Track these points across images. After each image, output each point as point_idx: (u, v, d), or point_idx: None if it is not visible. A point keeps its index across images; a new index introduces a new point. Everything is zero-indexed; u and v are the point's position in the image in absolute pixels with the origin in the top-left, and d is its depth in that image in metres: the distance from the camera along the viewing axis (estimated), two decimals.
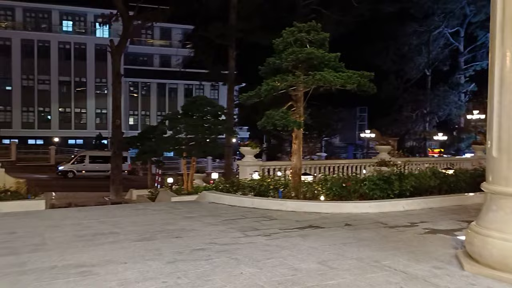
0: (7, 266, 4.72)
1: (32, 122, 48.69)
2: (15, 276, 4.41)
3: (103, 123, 50.89)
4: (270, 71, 9.57)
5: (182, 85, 53.72)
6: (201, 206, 9.22)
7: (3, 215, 8.77)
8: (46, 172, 35.70)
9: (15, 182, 14.01)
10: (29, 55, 47.87)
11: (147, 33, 52.61)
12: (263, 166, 13.40)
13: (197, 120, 15.03)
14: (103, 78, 50.49)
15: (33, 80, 48.35)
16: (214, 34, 25.03)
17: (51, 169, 37.15)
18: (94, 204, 18.01)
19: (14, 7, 47.87)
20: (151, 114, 53.67)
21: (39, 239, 6.02)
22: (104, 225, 7.01)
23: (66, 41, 49.41)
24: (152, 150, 17.55)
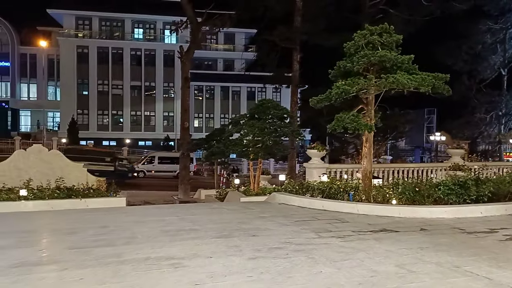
0: (107, 256, 5.23)
1: (107, 125, 51.82)
2: (115, 265, 4.89)
3: (170, 126, 53.02)
4: (340, 74, 9.63)
5: (245, 88, 54.65)
6: (272, 206, 9.48)
7: (91, 210, 9.57)
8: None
9: (96, 181, 15.09)
10: (104, 62, 51.05)
11: (212, 38, 54.12)
12: (329, 168, 13.43)
13: (264, 123, 15.38)
14: (170, 83, 52.64)
15: (108, 85, 51.47)
16: (279, 37, 25.27)
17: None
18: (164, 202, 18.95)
19: (91, 17, 51.29)
20: (215, 116, 55.10)
21: (129, 233, 6.56)
22: (184, 222, 7.46)
23: (138, 47, 52.13)
24: (220, 151, 18.11)
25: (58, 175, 13.52)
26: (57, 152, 16.79)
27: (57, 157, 15.55)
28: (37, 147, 15.89)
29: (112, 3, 49.58)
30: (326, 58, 16.48)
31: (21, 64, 53.47)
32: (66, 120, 47.43)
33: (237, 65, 55.15)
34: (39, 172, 13.86)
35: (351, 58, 9.09)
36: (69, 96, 50.00)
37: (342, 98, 9.13)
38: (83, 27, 51.62)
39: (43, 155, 15.12)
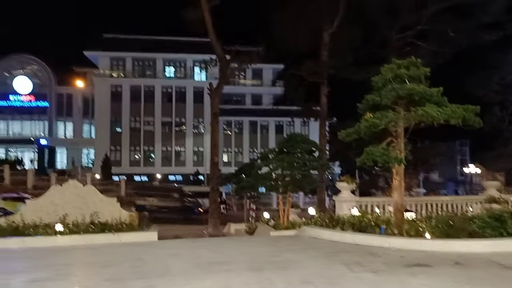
0: None
1: (138, 160, 53.06)
2: None
3: (199, 160, 53.77)
4: (368, 107, 9.72)
5: (273, 122, 55.19)
6: (302, 240, 9.45)
7: (125, 244, 9.79)
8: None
9: (129, 216, 15.39)
10: (137, 100, 52.87)
11: (240, 74, 55.40)
12: (360, 201, 13.30)
13: (292, 157, 15.49)
14: (200, 118, 53.82)
15: (140, 122, 53.07)
16: (306, 72, 25.68)
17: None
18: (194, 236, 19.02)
19: (125, 58, 53.61)
20: (243, 150, 55.59)
21: (163, 266, 6.70)
22: (216, 255, 7.55)
23: (168, 85, 53.87)
24: (250, 185, 18.24)
25: (92, 209, 13.89)
26: (91, 187, 17.27)
27: (92, 192, 15.97)
28: (73, 182, 16.40)
29: (144, 43, 51.82)
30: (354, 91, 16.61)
31: (58, 103, 56.01)
32: (100, 157, 48.90)
33: (265, 99, 55.99)
34: (74, 207, 14.24)
35: (379, 91, 9.20)
36: (103, 134, 51.72)
37: (371, 131, 9.18)
38: (117, 67, 53.94)
39: (78, 190, 15.57)
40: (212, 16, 22.42)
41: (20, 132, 55.53)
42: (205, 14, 21.98)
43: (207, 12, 21.98)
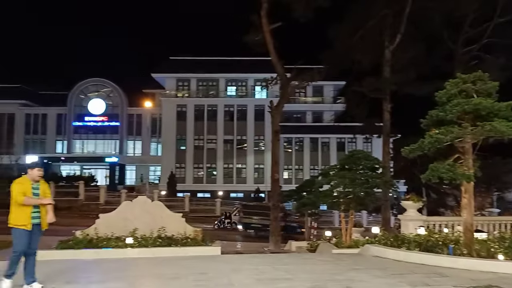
0: None
1: (202, 177, 54.58)
2: None
3: (260, 177, 54.22)
4: (433, 123, 9.47)
5: (334, 139, 54.57)
6: (365, 259, 9.29)
7: (190, 258, 10.16)
8: (213, 222, 39.16)
9: (193, 231, 15.92)
10: (200, 119, 54.71)
11: (301, 92, 55.58)
12: (427, 221, 12.81)
13: (355, 174, 15.28)
14: (261, 136, 54.49)
15: (203, 140, 54.76)
16: (368, 88, 25.33)
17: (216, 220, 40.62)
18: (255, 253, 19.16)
19: (190, 78, 55.90)
20: (304, 168, 55.33)
21: (226, 280, 6.91)
22: (278, 271, 7.65)
23: (230, 104, 55.28)
24: (311, 202, 18.26)
25: (159, 224, 14.52)
26: (159, 203, 18.06)
27: (159, 207, 16.71)
28: (142, 198, 17.26)
29: (208, 64, 53.81)
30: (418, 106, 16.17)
31: (128, 123, 59.32)
32: (166, 174, 50.93)
33: (326, 116, 55.64)
34: (143, 222, 14.96)
35: (444, 107, 8.96)
36: (169, 151, 53.90)
37: (435, 147, 8.93)
38: (183, 87, 56.32)
39: (147, 206, 16.35)
40: (273, 36, 22.93)
41: (94, 151, 59.33)
42: (266, 35, 22.53)
43: (268, 34, 22.51)
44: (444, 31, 24.51)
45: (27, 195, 6.12)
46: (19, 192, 6.07)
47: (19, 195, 6.06)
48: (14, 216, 6.12)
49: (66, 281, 6.71)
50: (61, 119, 58.72)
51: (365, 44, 25.34)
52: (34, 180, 6.29)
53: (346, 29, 25.18)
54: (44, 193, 6.36)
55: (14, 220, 6.12)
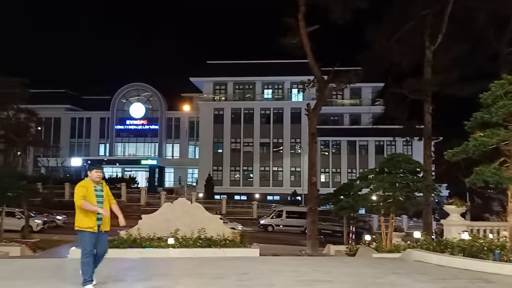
0: None
1: (238, 180, 55.02)
2: None
3: (297, 181, 54.04)
4: (477, 125, 9.25)
5: (372, 142, 53.69)
6: (407, 263, 9.16)
7: (230, 259, 10.34)
8: (249, 225, 39.41)
9: (231, 233, 16.16)
10: (237, 122, 55.24)
11: (338, 94, 55.09)
12: (470, 226, 12.45)
13: (394, 177, 15.02)
14: (297, 139, 54.34)
15: (240, 143, 55.23)
16: (408, 90, 24.83)
17: (253, 222, 40.90)
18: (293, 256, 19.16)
19: (227, 82, 56.59)
20: (341, 171, 54.71)
21: (267, 280, 7.02)
22: (318, 273, 7.69)
23: (267, 107, 55.50)
24: (350, 206, 18.08)
25: (199, 225, 14.85)
26: (198, 205, 18.44)
27: (199, 209, 17.08)
28: (182, 200, 17.68)
29: (244, 68, 54.28)
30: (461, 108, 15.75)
31: (167, 126, 60.67)
32: (204, 176, 51.71)
33: (364, 119, 54.86)
34: (183, 223, 15.35)
35: (489, 108, 8.73)
36: (206, 154, 54.69)
37: (480, 150, 8.72)
38: (220, 91, 57.07)
39: (187, 208, 16.75)
40: (310, 39, 22.92)
41: (134, 153, 61.04)
42: (303, 38, 22.56)
43: (305, 36, 22.52)
44: (489, 31, 23.72)
45: (88, 198, 6.11)
46: (80, 196, 6.10)
47: (80, 198, 6.09)
48: (79, 219, 6.14)
49: (113, 280, 7.01)
50: (104, 123, 60.80)
51: (405, 44, 24.87)
52: (95, 182, 6.31)
53: (384, 30, 24.81)
54: (107, 195, 6.41)
55: (79, 223, 6.14)
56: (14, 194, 19.17)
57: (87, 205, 6.07)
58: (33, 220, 27.56)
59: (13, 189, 18.91)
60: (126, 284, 7.02)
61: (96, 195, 6.22)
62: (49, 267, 9.00)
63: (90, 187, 6.22)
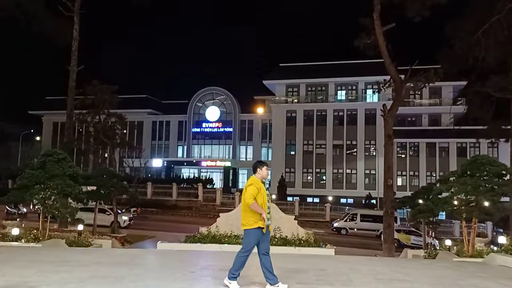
0: None
1: (311, 182, 54.90)
2: None
3: (371, 183, 52.77)
4: None
5: (454, 143, 50.91)
6: (490, 268, 8.83)
7: (306, 256, 10.60)
8: (322, 227, 39.21)
9: (306, 233, 16.40)
10: (309, 123, 55.18)
11: (416, 94, 53.00)
12: None
13: (478, 180, 14.36)
14: (371, 140, 53.04)
15: (312, 145, 55.10)
16: (493, 88, 23.49)
17: (326, 225, 40.63)
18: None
19: (299, 84, 56.77)
20: (420, 174, 52.50)
21: (345, 277, 7.20)
22: (396, 274, 7.71)
23: (340, 108, 54.81)
24: (429, 209, 17.44)
25: (274, 225, 15.30)
26: (273, 205, 18.90)
27: (274, 209, 17.50)
28: None
29: (317, 70, 54.13)
30: None
31: (241, 129, 62.18)
32: (276, 178, 52.29)
33: (444, 119, 52.19)
34: None
35: None
36: (279, 156, 55.24)
37: None
38: (292, 93, 57.40)
39: None
40: (386, 38, 22.48)
41: (210, 155, 63.28)
42: (378, 37, 22.17)
43: (381, 35, 22.13)
44: None
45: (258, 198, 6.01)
46: (252, 195, 5.98)
47: (251, 197, 5.97)
48: (248, 217, 6.05)
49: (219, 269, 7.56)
50: (182, 126, 63.74)
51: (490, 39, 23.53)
52: (263, 180, 6.21)
53: (467, 25, 23.68)
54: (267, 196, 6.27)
55: (247, 221, 6.07)
56: (106, 191, 20.97)
57: (257, 207, 5.98)
58: (120, 216, 29.78)
59: (107, 187, 20.69)
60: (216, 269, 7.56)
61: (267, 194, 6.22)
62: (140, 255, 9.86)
63: (262, 187, 6.15)
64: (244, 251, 6.16)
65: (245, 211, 6.13)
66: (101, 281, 6.48)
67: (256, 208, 5.97)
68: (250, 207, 5.99)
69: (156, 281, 6.73)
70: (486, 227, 35.44)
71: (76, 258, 9.29)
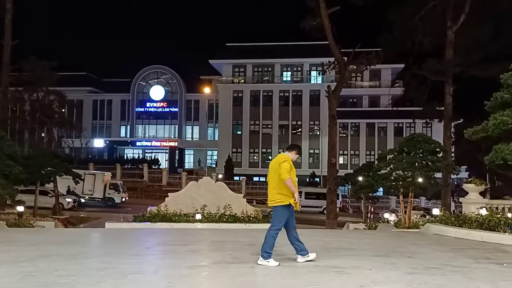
0: (283, 262, 6.34)
1: (257, 162, 55.69)
2: (291, 268, 5.96)
3: (315, 162, 54.49)
4: (498, 105, 9.55)
5: (391, 124, 53.58)
6: (426, 236, 9.65)
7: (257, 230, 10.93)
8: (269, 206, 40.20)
9: (254, 210, 16.84)
10: (256, 104, 55.64)
11: (357, 76, 54.84)
12: (489, 204, 12.79)
13: (414, 157, 15.35)
14: (316, 121, 54.54)
15: (258, 125, 55.71)
16: (429, 71, 24.88)
17: None
18: None
19: (245, 64, 56.81)
20: (360, 153, 54.86)
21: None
22: (342, 243, 8.24)
23: (285, 89, 55.68)
24: (369, 185, 18.45)
25: (222, 203, 15.56)
26: (222, 184, 19.24)
27: (222, 188, 17.85)
28: (207, 179, 18.48)
29: (263, 50, 54.33)
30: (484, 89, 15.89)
31: (187, 109, 61.41)
32: (223, 158, 52.53)
33: (383, 101, 54.58)
34: (207, 201, 16.08)
35: (509, 88, 9.02)
36: (225, 136, 55.39)
37: (500, 129, 9.04)
38: (239, 74, 57.38)
39: (211, 186, 17.52)
40: (331, 21, 23.05)
41: (155, 135, 62.13)
42: (324, 20, 22.69)
43: (326, 18, 22.65)
44: None
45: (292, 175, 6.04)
46: (288, 170, 5.98)
47: (287, 173, 5.95)
48: (280, 193, 6.01)
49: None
50: (125, 105, 61.86)
51: (426, 25, 24.81)
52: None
53: (406, 11, 24.76)
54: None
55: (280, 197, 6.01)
56: (47, 172, 20.13)
57: (291, 184, 5.97)
58: (64, 198, 28.77)
59: (47, 167, 19.86)
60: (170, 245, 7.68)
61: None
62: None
63: (293, 168, 6.18)
64: (276, 228, 6.11)
65: (274, 188, 6.06)
66: (54, 259, 6.42)
67: (290, 184, 5.96)
68: (285, 182, 5.92)
69: (111, 257, 6.75)
70: (420, 203, 38.01)
71: (22, 239, 9.03)
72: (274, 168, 6.14)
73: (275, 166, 6.14)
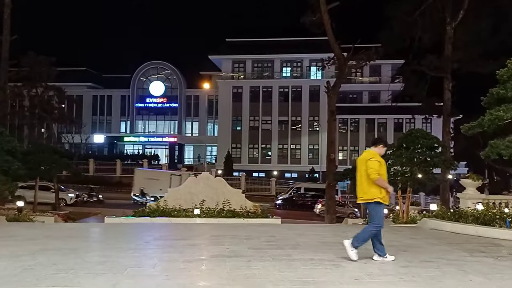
0: (279, 255, 6.41)
1: (256, 157, 55.77)
2: (287, 262, 6.02)
3: (315, 158, 54.55)
4: (494, 101, 9.61)
5: (391, 119, 53.64)
6: (423, 231, 9.73)
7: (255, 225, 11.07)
8: (268, 201, 40.27)
9: (253, 206, 16.91)
10: (255, 100, 55.61)
11: (357, 71, 54.80)
12: (486, 199, 12.90)
13: (412, 153, 15.42)
14: (315, 116, 54.55)
15: (258, 121, 55.73)
16: (428, 67, 24.92)
17: (272, 199, 41.76)
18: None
19: (245, 60, 56.73)
20: (359, 149, 54.86)
21: (293, 242, 7.70)
22: (339, 238, 8.27)
23: (285, 85, 55.66)
24: None
25: (221, 199, 15.63)
26: (221, 179, 19.25)
27: (221, 183, 17.87)
28: (206, 174, 18.50)
29: (263, 46, 54.27)
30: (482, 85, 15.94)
31: (186, 104, 61.41)
32: (222, 154, 52.60)
33: (383, 96, 54.60)
34: (207, 196, 16.15)
35: (505, 84, 9.08)
36: (225, 132, 55.42)
37: (495, 124, 9.11)
38: (238, 69, 57.32)
39: (210, 182, 17.55)
40: (330, 17, 23.06)
41: (155, 131, 62.17)
42: (323, 16, 22.70)
43: (326, 14, 22.66)
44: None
45: (382, 173, 6.02)
46: (377, 170, 5.94)
47: (376, 173, 5.92)
48: (373, 191, 5.98)
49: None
50: (125, 101, 61.84)
51: (425, 21, 24.83)
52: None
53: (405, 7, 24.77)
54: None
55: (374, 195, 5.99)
56: (47, 167, 20.20)
57: (382, 182, 5.99)
58: (66, 193, 28.85)
59: (47, 163, 19.93)
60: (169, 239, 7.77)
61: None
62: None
63: (383, 161, 6.15)
64: (377, 224, 6.10)
65: (369, 185, 6.03)
66: (54, 253, 6.50)
67: (382, 183, 5.98)
68: (376, 183, 5.94)
69: (110, 251, 6.83)
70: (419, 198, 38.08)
71: (22, 233, 9.11)
72: (362, 166, 6.12)
73: (362, 163, 6.11)
